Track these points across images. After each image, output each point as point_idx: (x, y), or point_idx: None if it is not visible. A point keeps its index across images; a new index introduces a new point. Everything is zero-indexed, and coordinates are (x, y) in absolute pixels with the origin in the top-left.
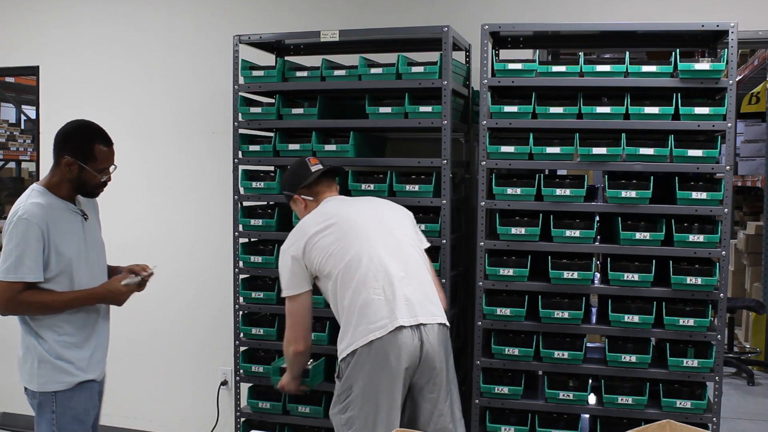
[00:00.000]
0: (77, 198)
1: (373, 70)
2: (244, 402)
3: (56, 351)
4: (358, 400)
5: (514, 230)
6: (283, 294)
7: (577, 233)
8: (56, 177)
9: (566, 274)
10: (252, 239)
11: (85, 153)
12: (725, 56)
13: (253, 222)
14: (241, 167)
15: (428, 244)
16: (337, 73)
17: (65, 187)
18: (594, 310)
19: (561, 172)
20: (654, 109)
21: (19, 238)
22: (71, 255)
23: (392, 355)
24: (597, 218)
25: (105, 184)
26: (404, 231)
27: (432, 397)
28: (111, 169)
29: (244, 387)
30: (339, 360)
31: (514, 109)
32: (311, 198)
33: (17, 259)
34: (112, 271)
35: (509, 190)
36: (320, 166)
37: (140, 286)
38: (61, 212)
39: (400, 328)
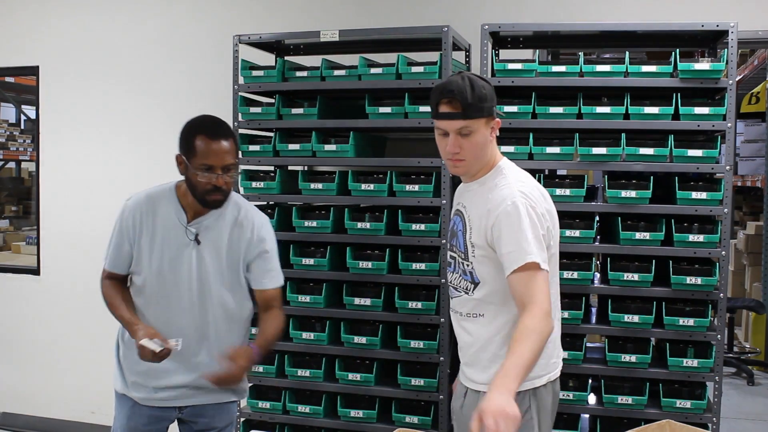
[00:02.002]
0: (207, 220)
1: (373, 70)
2: (244, 402)
3: (119, 352)
4: None
5: None
6: (537, 258)
7: (577, 233)
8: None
9: (566, 274)
10: None
11: (187, 145)
12: (725, 56)
13: None
14: (241, 167)
15: None
16: (337, 73)
17: (189, 194)
18: (594, 310)
19: (561, 172)
20: (654, 109)
21: (116, 224)
22: (146, 272)
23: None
24: (597, 218)
25: (218, 190)
26: None
27: None
28: (220, 170)
29: None
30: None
31: (514, 109)
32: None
33: (109, 243)
34: (268, 324)
35: None
36: None
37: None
38: (165, 218)
39: None
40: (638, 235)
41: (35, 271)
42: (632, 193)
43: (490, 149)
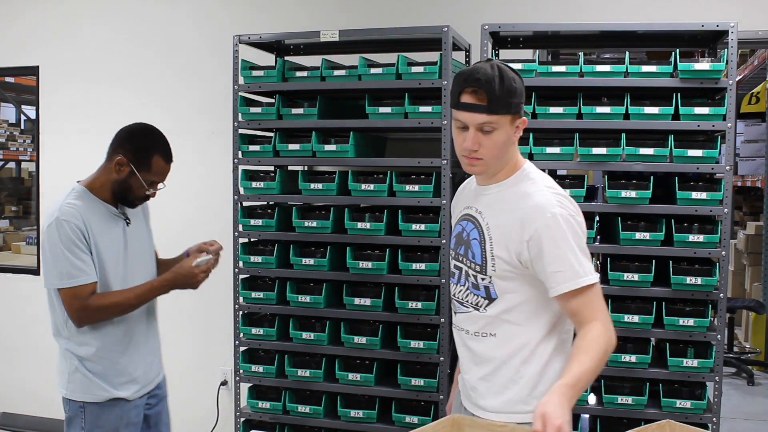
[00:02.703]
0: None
1: (373, 70)
2: (243, 402)
3: (88, 363)
4: None
5: None
6: (593, 279)
7: None
8: (102, 176)
9: None
10: (252, 239)
11: (142, 159)
12: (725, 56)
13: (252, 222)
14: (241, 167)
15: None
16: (337, 73)
17: (108, 189)
18: None
19: (561, 172)
20: (654, 109)
21: (64, 241)
22: (109, 263)
23: None
24: (597, 218)
25: (147, 198)
26: None
27: None
28: (160, 185)
29: (244, 387)
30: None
31: None
32: None
33: (70, 263)
34: (173, 262)
35: None
36: None
37: (215, 262)
38: (100, 215)
39: None
40: (638, 235)
41: (35, 271)
42: (632, 193)
43: (512, 150)
